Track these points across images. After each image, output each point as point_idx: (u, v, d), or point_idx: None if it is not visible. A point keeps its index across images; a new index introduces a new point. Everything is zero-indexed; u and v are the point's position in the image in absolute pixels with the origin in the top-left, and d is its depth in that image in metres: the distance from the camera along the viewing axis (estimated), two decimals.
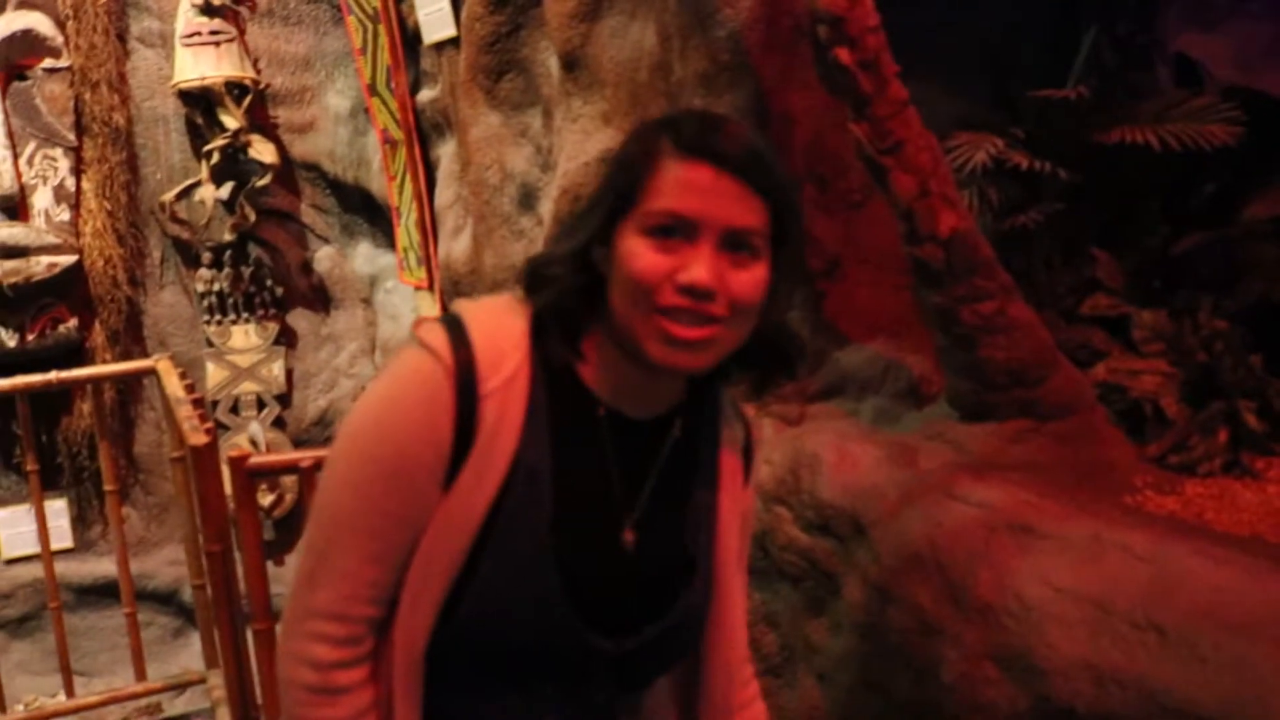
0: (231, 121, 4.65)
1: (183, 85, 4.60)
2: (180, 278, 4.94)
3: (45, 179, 4.58)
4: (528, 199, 3.70)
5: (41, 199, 4.56)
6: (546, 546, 1.14)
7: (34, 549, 3.90)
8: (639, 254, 1.10)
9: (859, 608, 2.28)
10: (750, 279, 1.12)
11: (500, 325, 1.17)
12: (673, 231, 1.09)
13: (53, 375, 3.36)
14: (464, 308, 1.18)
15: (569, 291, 1.15)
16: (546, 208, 3.53)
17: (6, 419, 4.41)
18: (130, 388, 4.78)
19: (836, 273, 2.83)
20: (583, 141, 3.35)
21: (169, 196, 4.75)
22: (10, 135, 4.48)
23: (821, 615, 2.47)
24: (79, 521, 4.71)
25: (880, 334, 2.77)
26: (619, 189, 1.13)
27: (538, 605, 1.15)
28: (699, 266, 1.08)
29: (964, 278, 2.34)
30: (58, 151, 4.60)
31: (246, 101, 4.70)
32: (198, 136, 4.80)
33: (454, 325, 1.14)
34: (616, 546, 1.20)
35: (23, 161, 4.53)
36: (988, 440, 2.37)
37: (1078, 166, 2.83)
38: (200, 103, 4.70)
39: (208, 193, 4.74)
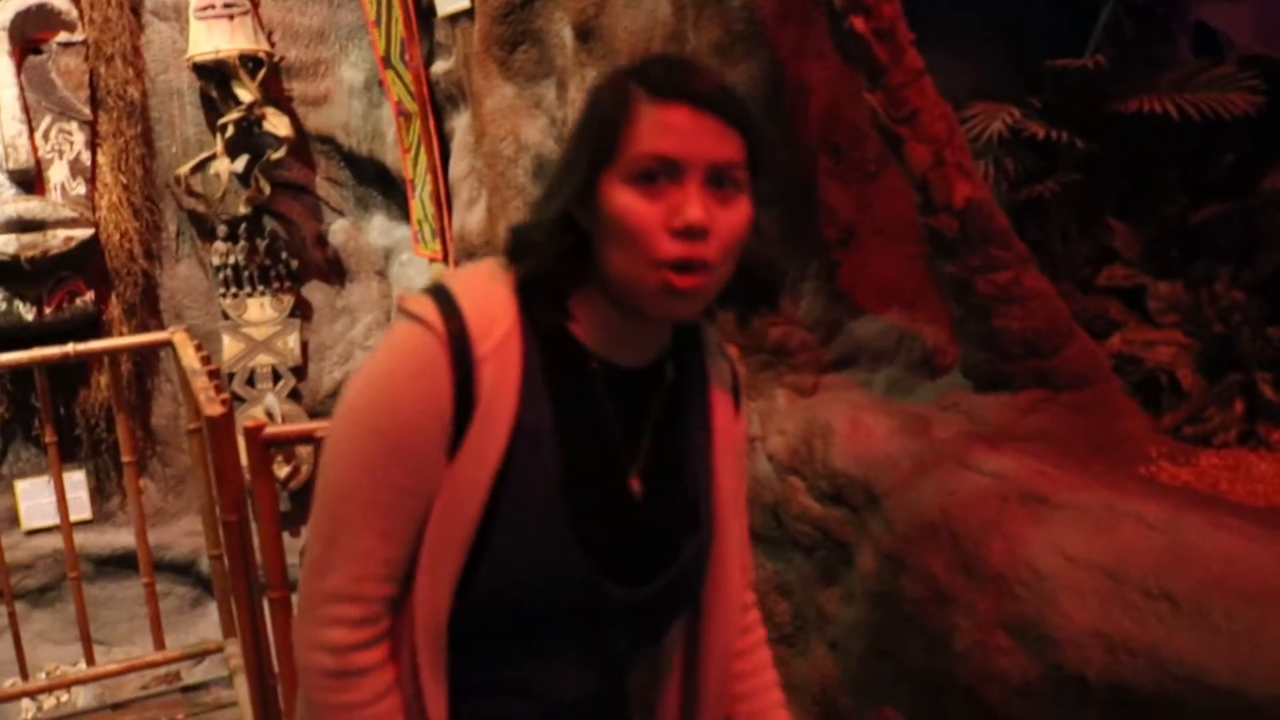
0: (246, 95, 4.66)
1: (197, 58, 4.60)
2: (196, 251, 4.96)
3: (61, 153, 4.60)
4: (542, 170, 3.69)
5: (57, 173, 4.58)
6: (556, 504, 1.14)
7: (53, 520, 3.94)
8: (629, 206, 1.09)
9: (871, 577, 2.28)
10: (737, 216, 1.12)
11: (487, 290, 1.16)
12: (657, 176, 1.09)
13: (70, 348, 3.37)
14: (448, 277, 1.18)
15: (553, 256, 1.15)
16: None
17: (25, 391, 4.45)
18: (147, 360, 4.80)
19: (851, 243, 2.81)
20: None
21: (184, 170, 4.76)
22: (26, 109, 4.49)
23: (834, 585, 2.47)
24: (97, 493, 4.76)
25: (895, 304, 2.77)
26: (596, 143, 1.12)
27: (554, 563, 1.15)
28: (691, 206, 1.08)
29: (979, 247, 2.33)
30: (73, 125, 4.61)
31: (261, 74, 4.70)
32: (212, 110, 4.81)
33: (441, 294, 1.14)
34: (624, 497, 1.20)
35: (39, 136, 4.54)
36: (1002, 410, 2.36)
37: (1095, 136, 2.80)
38: (214, 76, 4.70)
39: (222, 166, 4.75)
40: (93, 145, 4.65)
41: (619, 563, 1.18)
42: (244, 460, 2.51)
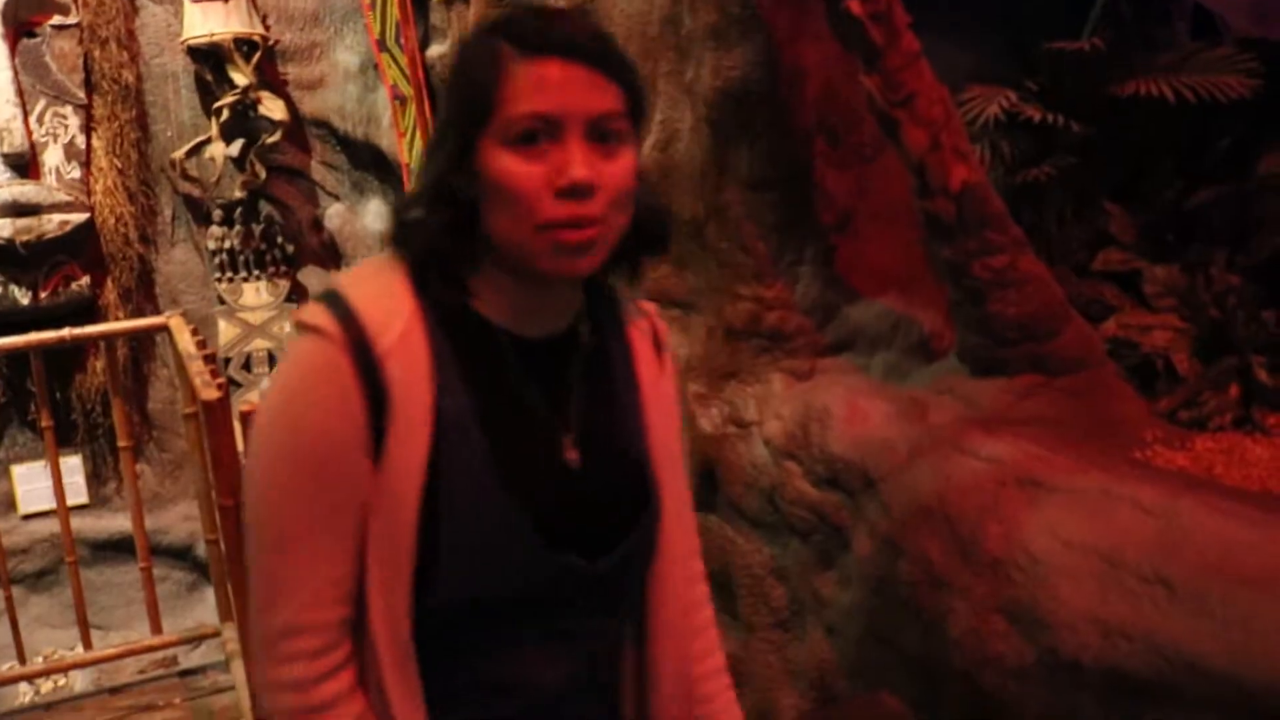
0: (241, 78, 4.63)
1: (192, 42, 4.58)
2: (191, 235, 4.94)
3: (56, 137, 4.58)
4: None
5: (52, 157, 4.56)
6: (496, 488, 1.10)
7: (50, 505, 3.93)
8: (510, 169, 1.05)
9: (868, 561, 2.29)
10: (622, 167, 1.08)
11: (379, 284, 1.12)
12: (536, 136, 1.05)
13: (66, 332, 3.36)
14: (338, 279, 1.16)
15: (438, 231, 1.10)
16: None
17: (21, 376, 4.44)
18: (143, 345, 4.79)
19: (848, 227, 2.81)
20: None
21: (179, 154, 4.74)
22: (20, 93, 4.47)
23: (830, 569, 2.48)
24: (94, 478, 4.75)
25: (891, 288, 2.77)
26: (469, 107, 1.07)
27: (508, 548, 1.11)
28: (575, 164, 1.04)
29: (975, 231, 2.33)
30: (68, 109, 4.59)
31: (255, 58, 4.67)
32: (207, 93, 4.78)
33: (332, 299, 1.09)
34: (562, 469, 1.16)
35: (33, 119, 4.52)
36: (998, 395, 2.36)
37: (1091, 119, 2.80)
38: (209, 59, 4.68)
39: (218, 150, 4.73)
40: (87, 129, 4.63)
41: (573, 537, 1.14)
42: (240, 445, 2.51)
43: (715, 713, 1.36)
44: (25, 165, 4.48)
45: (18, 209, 4.33)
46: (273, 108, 4.71)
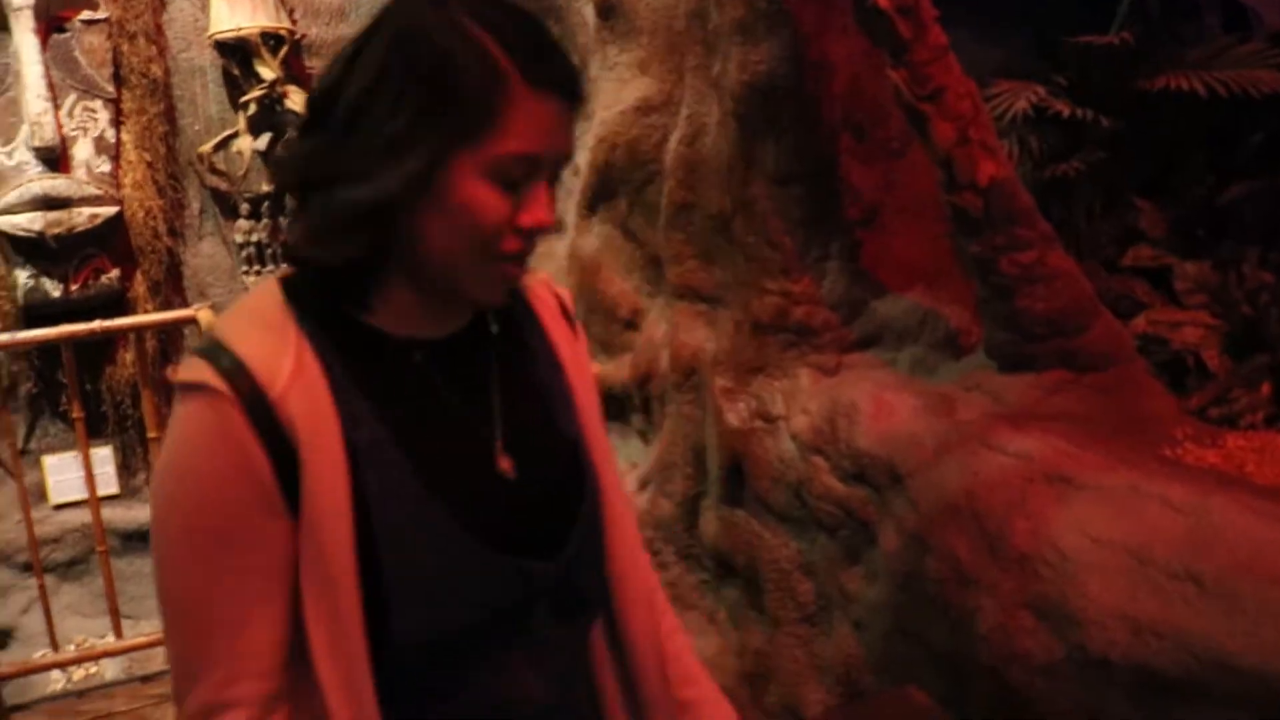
0: (268, 72, 4.66)
1: (219, 36, 4.60)
2: (219, 228, 4.97)
3: (85, 131, 4.61)
4: None
5: (82, 150, 4.59)
6: (431, 510, 1.02)
7: (81, 495, 3.97)
8: (484, 201, 0.96)
9: (895, 557, 2.29)
10: (553, 200, 1.03)
11: (261, 321, 1.01)
12: (521, 175, 0.98)
13: (96, 324, 3.40)
14: (216, 325, 1.03)
15: (365, 244, 0.99)
16: (582, 157, 3.53)
17: (52, 368, 4.48)
18: (171, 337, 4.83)
19: (875, 222, 2.81)
20: (619, 90, 3.33)
21: (207, 148, 4.77)
22: (51, 87, 4.51)
23: (857, 564, 2.48)
24: (124, 469, 4.79)
25: (918, 284, 2.76)
26: (455, 120, 0.94)
27: (459, 569, 1.03)
28: (544, 207, 0.99)
29: (1003, 226, 2.32)
30: (97, 103, 4.62)
31: (283, 52, 4.69)
32: (234, 88, 4.81)
33: (211, 351, 0.98)
34: (498, 478, 1.08)
35: (63, 113, 4.56)
36: (1026, 391, 2.36)
37: (1120, 114, 2.78)
38: (236, 53, 4.70)
39: (245, 144, 4.76)
40: (116, 123, 4.66)
41: (523, 541, 1.07)
42: None
43: (699, 700, 1.30)
44: (56, 159, 4.51)
45: (49, 202, 4.37)
46: (299, 102, 4.72)
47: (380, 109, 0.96)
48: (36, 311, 4.30)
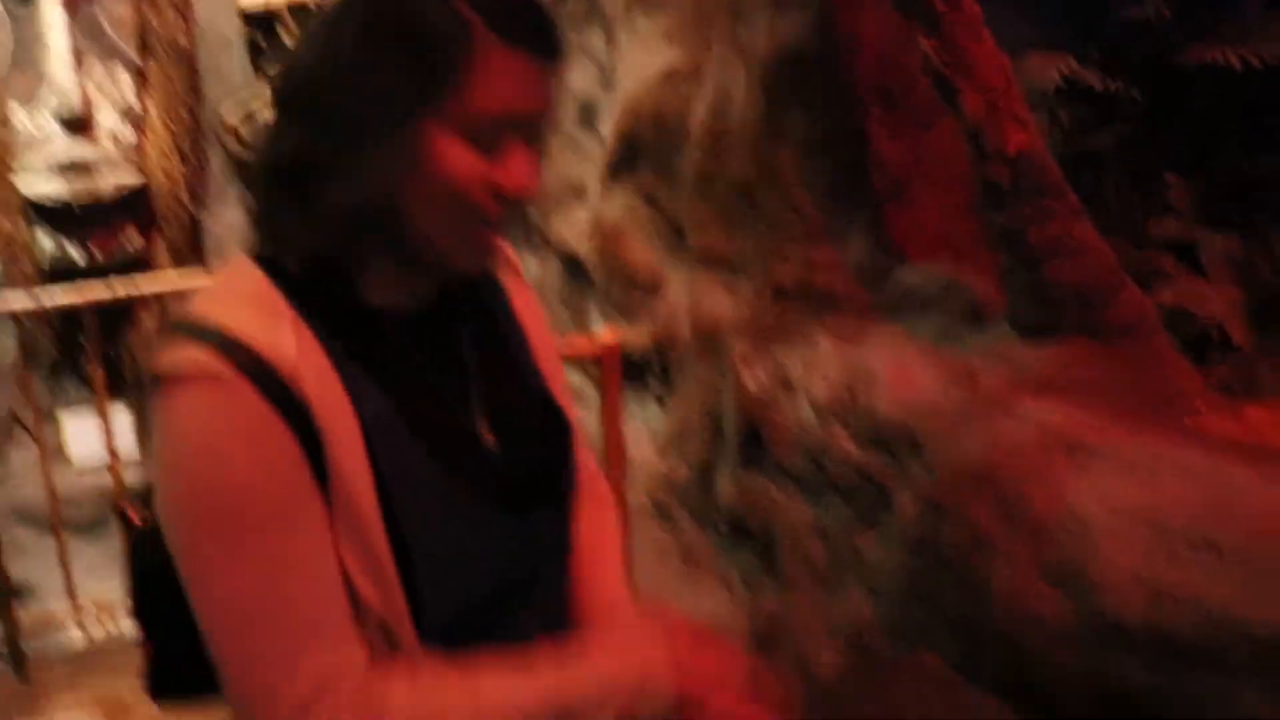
0: (293, 43, 4.67)
1: (246, 7, 4.62)
2: (242, 197, 5.00)
3: (111, 99, 4.64)
4: (589, 117, 3.68)
5: (107, 119, 4.62)
6: (441, 481, 1.00)
7: (101, 457, 4.00)
8: (464, 165, 0.92)
9: (911, 522, 2.28)
10: (538, 163, 0.99)
11: (249, 300, 0.96)
12: (500, 136, 0.93)
13: (119, 289, 3.42)
14: (199, 311, 0.95)
15: (355, 223, 0.95)
16: (608, 125, 3.52)
17: (74, 331, 4.51)
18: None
19: (902, 192, 2.79)
20: (645, 59, 3.32)
21: (234, 119, 4.79)
22: (77, 56, 4.53)
23: (873, 528, 2.47)
24: (143, 432, 4.83)
25: (943, 254, 2.74)
26: (419, 79, 0.90)
27: (483, 539, 1.02)
28: (527, 173, 0.96)
29: (1031, 198, 2.31)
30: (123, 72, 4.65)
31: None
32: (260, 58, 4.82)
33: (200, 333, 0.92)
34: (485, 453, 1.06)
35: (89, 82, 4.58)
36: (1048, 361, 2.35)
37: (1153, 88, 2.76)
38: (262, 24, 4.71)
39: (268, 114, 4.77)
40: (141, 92, 4.68)
41: (522, 500, 1.07)
42: None
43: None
44: (81, 127, 4.54)
45: (74, 169, 4.40)
46: None
47: (359, 82, 0.91)
48: (61, 276, 4.33)
